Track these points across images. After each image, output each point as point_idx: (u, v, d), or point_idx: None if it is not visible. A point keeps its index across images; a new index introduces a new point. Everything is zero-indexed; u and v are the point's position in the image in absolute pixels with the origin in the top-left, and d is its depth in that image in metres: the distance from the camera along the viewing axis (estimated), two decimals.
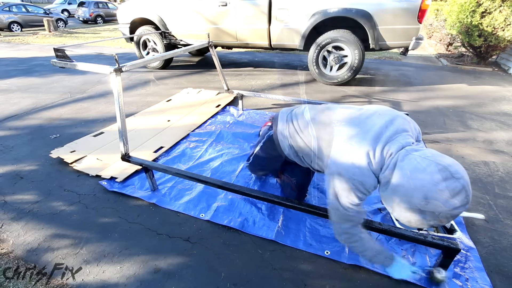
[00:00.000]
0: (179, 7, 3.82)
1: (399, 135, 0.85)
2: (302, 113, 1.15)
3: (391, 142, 0.83)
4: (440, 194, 0.66)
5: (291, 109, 1.24)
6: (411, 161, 0.74)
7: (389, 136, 0.84)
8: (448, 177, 0.66)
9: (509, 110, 2.94)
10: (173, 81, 3.88)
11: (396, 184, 0.75)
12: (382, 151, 0.83)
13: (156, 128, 2.34)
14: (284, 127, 1.18)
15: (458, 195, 0.66)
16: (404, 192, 0.72)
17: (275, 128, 1.23)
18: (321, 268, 1.17)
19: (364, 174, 0.84)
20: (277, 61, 5.20)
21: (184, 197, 1.57)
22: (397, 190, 0.75)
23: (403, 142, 0.83)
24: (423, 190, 0.68)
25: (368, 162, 0.84)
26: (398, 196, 0.75)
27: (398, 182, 0.75)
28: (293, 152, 1.17)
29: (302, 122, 1.12)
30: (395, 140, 0.83)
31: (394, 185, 0.76)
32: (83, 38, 8.96)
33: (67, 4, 16.36)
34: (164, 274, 1.14)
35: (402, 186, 0.73)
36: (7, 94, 3.33)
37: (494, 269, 1.17)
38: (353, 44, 3.26)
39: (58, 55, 1.64)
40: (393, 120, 0.89)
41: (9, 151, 2.05)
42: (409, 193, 0.71)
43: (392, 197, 0.77)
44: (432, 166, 0.69)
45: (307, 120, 1.10)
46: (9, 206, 1.51)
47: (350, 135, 0.90)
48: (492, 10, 4.23)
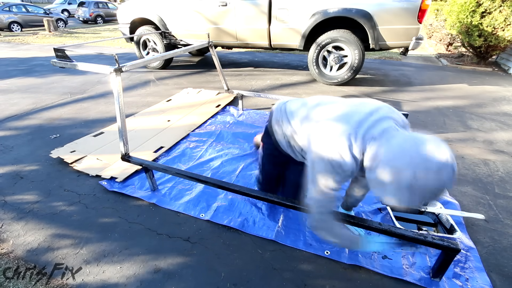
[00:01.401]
0: (179, 7, 3.82)
1: (383, 121, 0.85)
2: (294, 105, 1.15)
3: (374, 128, 0.83)
4: (428, 170, 0.66)
5: (285, 102, 1.23)
6: (397, 140, 0.74)
7: (373, 122, 0.85)
8: (435, 153, 0.67)
9: (509, 110, 2.94)
10: (173, 81, 3.88)
11: (384, 164, 0.74)
12: (364, 135, 0.83)
13: (156, 128, 2.34)
14: (278, 119, 1.18)
15: (445, 169, 0.66)
16: (393, 172, 0.72)
17: (270, 118, 1.24)
18: (321, 268, 1.17)
19: (343, 156, 0.84)
20: (277, 61, 5.20)
21: (184, 197, 1.57)
22: (385, 170, 0.74)
23: (386, 126, 0.83)
24: (412, 167, 0.68)
25: (349, 145, 0.84)
26: (387, 176, 0.73)
27: (386, 162, 0.74)
28: (286, 142, 1.17)
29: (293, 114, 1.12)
30: (378, 125, 0.84)
31: (381, 166, 0.75)
32: (83, 38, 8.96)
33: (67, 4, 16.35)
34: (164, 274, 1.14)
35: (390, 166, 0.73)
36: (7, 94, 3.33)
37: (494, 269, 1.17)
38: (353, 44, 3.26)
39: (58, 55, 1.64)
40: (379, 108, 0.90)
41: (9, 151, 2.05)
42: (398, 172, 0.70)
43: (380, 178, 0.76)
44: (418, 143, 0.70)
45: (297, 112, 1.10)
46: (9, 206, 1.51)
47: (332, 120, 0.91)
48: (492, 10, 4.23)
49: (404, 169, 0.69)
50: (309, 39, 3.47)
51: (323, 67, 3.59)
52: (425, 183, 0.67)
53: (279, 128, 1.18)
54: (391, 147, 0.75)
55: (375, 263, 1.18)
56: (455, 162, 0.68)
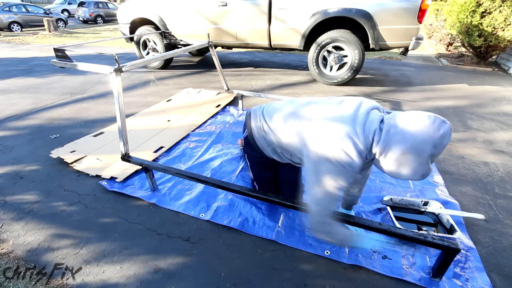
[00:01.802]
0: (179, 7, 3.82)
1: (371, 112, 0.92)
2: (275, 108, 1.15)
3: (368, 120, 0.89)
4: (442, 138, 0.78)
5: (262, 107, 1.23)
6: (404, 123, 0.82)
7: (364, 115, 0.90)
8: (441, 123, 0.79)
9: (509, 110, 2.94)
10: (173, 81, 3.88)
11: (403, 148, 0.81)
12: (364, 130, 0.88)
13: (156, 128, 2.34)
14: (259, 125, 1.17)
15: (450, 134, 0.79)
16: (415, 152, 0.79)
17: (249, 128, 1.22)
18: (321, 268, 1.17)
19: (351, 155, 0.87)
20: (277, 61, 5.20)
21: (184, 197, 1.57)
22: (407, 153, 0.80)
23: (378, 116, 0.90)
24: (431, 140, 0.77)
25: (353, 143, 0.87)
26: (409, 158, 0.81)
27: (405, 146, 0.80)
28: (272, 149, 1.17)
29: (276, 118, 1.11)
30: (370, 117, 0.90)
31: (401, 150, 0.81)
32: (83, 38, 8.96)
33: (67, 4, 16.35)
34: (164, 274, 1.14)
35: (411, 148, 0.80)
36: (7, 94, 3.33)
37: (494, 269, 1.17)
38: (353, 44, 3.26)
39: (58, 55, 1.64)
40: (362, 102, 0.96)
41: (9, 151, 2.05)
42: (420, 148, 0.78)
43: (401, 161, 0.82)
44: (425, 119, 0.80)
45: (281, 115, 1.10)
46: (9, 206, 1.51)
47: (328, 120, 0.94)
48: (492, 10, 4.23)
49: (424, 144, 0.78)
50: (309, 39, 3.47)
51: (323, 67, 3.59)
52: (441, 148, 0.79)
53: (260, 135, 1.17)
54: (401, 133, 0.81)
55: (375, 263, 1.18)
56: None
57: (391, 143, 0.83)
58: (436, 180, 1.73)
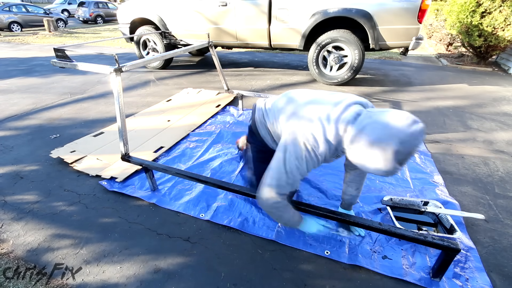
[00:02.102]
0: (179, 7, 3.82)
1: (351, 106, 0.94)
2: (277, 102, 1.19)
3: (345, 112, 0.91)
4: (410, 136, 0.77)
5: (265, 101, 1.30)
6: (378, 117, 0.83)
7: (343, 108, 0.92)
8: (414, 122, 0.79)
9: (509, 110, 2.94)
10: (173, 81, 3.88)
11: (371, 139, 0.81)
12: (337, 120, 0.90)
13: (156, 128, 2.34)
14: (261, 115, 1.25)
15: (421, 135, 0.79)
16: (381, 143, 0.79)
17: (253, 118, 1.31)
18: (321, 268, 1.17)
19: (317, 139, 0.91)
20: (277, 61, 5.20)
21: (184, 197, 1.57)
22: (373, 144, 0.81)
23: (357, 110, 0.91)
24: (398, 136, 0.77)
25: (323, 129, 0.91)
26: (374, 149, 0.81)
27: (372, 137, 0.81)
28: (271, 138, 1.24)
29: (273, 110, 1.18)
30: (349, 110, 0.92)
31: (368, 140, 0.82)
32: (83, 38, 8.96)
33: (67, 4, 16.35)
34: (164, 274, 1.14)
35: (377, 139, 0.80)
36: (7, 94, 3.33)
37: (494, 269, 1.17)
38: (353, 44, 3.26)
39: (58, 55, 1.64)
40: (347, 96, 0.99)
41: (9, 151, 2.05)
42: (386, 142, 0.78)
43: (367, 152, 0.83)
44: (399, 115, 0.81)
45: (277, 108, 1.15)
46: (9, 206, 1.51)
47: (305, 106, 1.00)
48: (492, 10, 4.23)
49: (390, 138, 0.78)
50: (309, 39, 3.47)
51: (323, 67, 3.58)
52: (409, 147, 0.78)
53: (263, 127, 1.24)
54: (372, 124, 0.83)
55: (375, 263, 1.18)
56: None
57: (360, 133, 0.84)
58: (436, 180, 1.73)
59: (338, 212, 1.14)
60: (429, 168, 1.86)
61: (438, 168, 1.86)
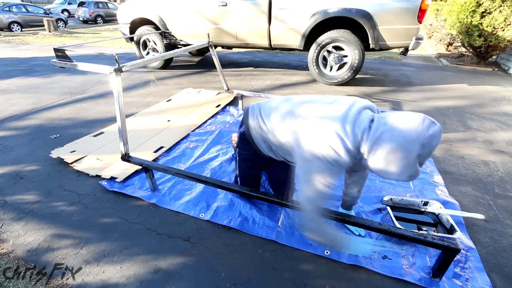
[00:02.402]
0: (179, 7, 3.82)
1: (362, 111, 0.93)
2: (271, 107, 1.16)
3: (359, 120, 0.90)
4: (430, 138, 0.77)
5: (259, 104, 1.24)
6: (394, 122, 0.82)
7: (355, 115, 0.91)
8: (430, 124, 0.78)
9: (509, 110, 2.94)
10: (173, 81, 3.88)
11: (391, 147, 0.81)
12: (353, 128, 0.89)
13: (156, 128, 2.34)
14: (256, 123, 1.19)
15: (439, 135, 0.79)
16: (402, 150, 0.79)
17: (246, 124, 1.24)
18: (321, 268, 1.17)
19: (338, 152, 0.88)
20: (277, 61, 5.20)
21: (184, 197, 1.57)
22: (395, 152, 0.80)
23: (368, 116, 0.90)
24: (419, 140, 0.77)
25: (341, 141, 0.88)
26: (396, 156, 0.80)
27: (393, 144, 0.80)
28: (267, 147, 1.19)
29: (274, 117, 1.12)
30: (361, 117, 0.90)
31: (389, 149, 0.81)
32: (83, 38, 8.96)
33: (67, 4, 16.34)
34: (164, 274, 1.14)
35: (398, 146, 0.80)
36: (7, 94, 3.33)
37: (494, 269, 1.17)
38: (353, 44, 3.26)
39: (58, 55, 1.64)
40: (355, 102, 0.97)
41: (9, 151, 2.05)
42: (408, 147, 0.78)
43: (388, 159, 0.82)
44: (414, 119, 0.80)
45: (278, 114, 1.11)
46: (9, 206, 1.51)
47: (316, 120, 0.96)
48: (492, 10, 4.23)
49: (412, 143, 0.77)
50: (309, 39, 3.47)
51: (323, 67, 3.58)
52: (430, 149, 0.78)
53: (257, 132, 1.18)
54: (390, 131, 0.81)
55: (375, 263, 1.18)
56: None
57: (379, 141, 0.83)
58: (436, 180, 1.73)
59: (338, 212, 1.14)
60: (429, 168, 1.86)
61: (438, 168, 1.86)
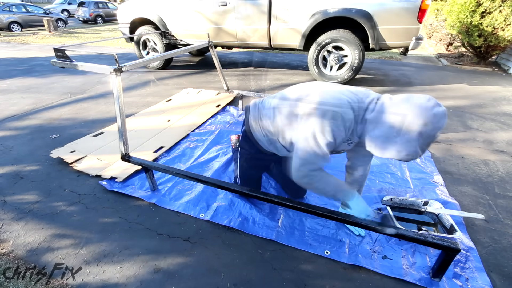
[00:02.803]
0: (179, 7, 3.82)
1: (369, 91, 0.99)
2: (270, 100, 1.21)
3: (366, 91, 0.96)
4: (434, 117, 0.78)
5: (262, 99, 1.30)
6: (400, 98, 0.85)
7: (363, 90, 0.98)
8: (436, 104, 0.80)
9: (509, 110, 2.94)
10: (173, 81, 3.88)
11: (393, 118, 0.82)
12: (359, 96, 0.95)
13: (156, 128, 2.34)
14: (256, 116, 1.24)
15: (444, 118, 0.80)
16: (404, 123, 0.80)
17: (247, 122, 1.29)
18: (321, 268, 1.17)
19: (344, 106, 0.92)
20: (277, 61, 5.20)
21: (184, 197, 1.57)
22: (396, 124, 0.82)
23: (374, 96, 0.96)
24: (422, 116, 0.78)
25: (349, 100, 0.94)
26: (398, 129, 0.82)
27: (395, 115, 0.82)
28: (267, 140, 1.22)
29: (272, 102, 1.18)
30: (368, 91, 0.97)
31: (391, 121, 0.83)
32: (83, 38, 8.96)
33: (67, 4, 16.35)
34: (164, 274, 1.14)
35: (401, 118, 0.81)
36: (7, 94, 3.33)
37: (494, 269, 1.17)
38: (353, 44, 3.26)
39: (58, 55, 1.64)
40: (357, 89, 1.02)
41: (9, 151, 2.05)
42: (411, 123, 0.79)
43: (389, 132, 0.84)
44: (420, 96, 0.82)
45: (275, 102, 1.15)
46: (9, 206, 1.51)
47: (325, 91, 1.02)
48: (492, 10, 4.23)
49: (415, 119, 0.78)
50: (309, 39, 3.47)
51: (323, 67, 3.59)
52: (432, 129, 0.78)
53: (258, 129, 1.22)
54: (395, 106, 0.83)
55: (375, 263, 1.18)
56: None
57: (382, 113, 0.85)
58: (436, 180, 1.73)
59: (338, 212, 1.14)
60: (429, 168, 1.86)
61: (438, 168, 1.86)
